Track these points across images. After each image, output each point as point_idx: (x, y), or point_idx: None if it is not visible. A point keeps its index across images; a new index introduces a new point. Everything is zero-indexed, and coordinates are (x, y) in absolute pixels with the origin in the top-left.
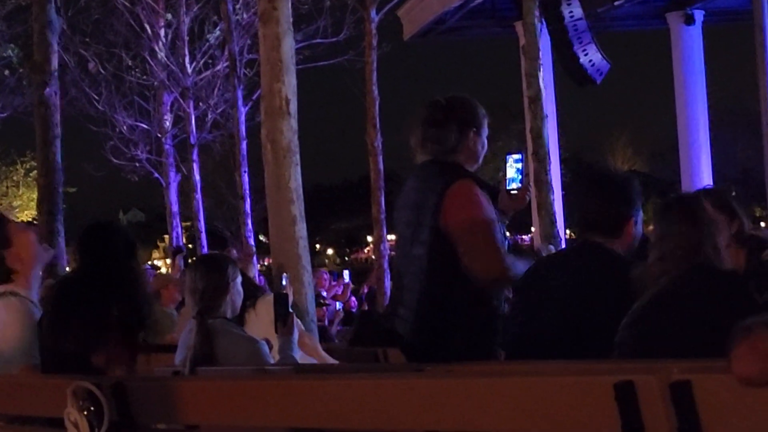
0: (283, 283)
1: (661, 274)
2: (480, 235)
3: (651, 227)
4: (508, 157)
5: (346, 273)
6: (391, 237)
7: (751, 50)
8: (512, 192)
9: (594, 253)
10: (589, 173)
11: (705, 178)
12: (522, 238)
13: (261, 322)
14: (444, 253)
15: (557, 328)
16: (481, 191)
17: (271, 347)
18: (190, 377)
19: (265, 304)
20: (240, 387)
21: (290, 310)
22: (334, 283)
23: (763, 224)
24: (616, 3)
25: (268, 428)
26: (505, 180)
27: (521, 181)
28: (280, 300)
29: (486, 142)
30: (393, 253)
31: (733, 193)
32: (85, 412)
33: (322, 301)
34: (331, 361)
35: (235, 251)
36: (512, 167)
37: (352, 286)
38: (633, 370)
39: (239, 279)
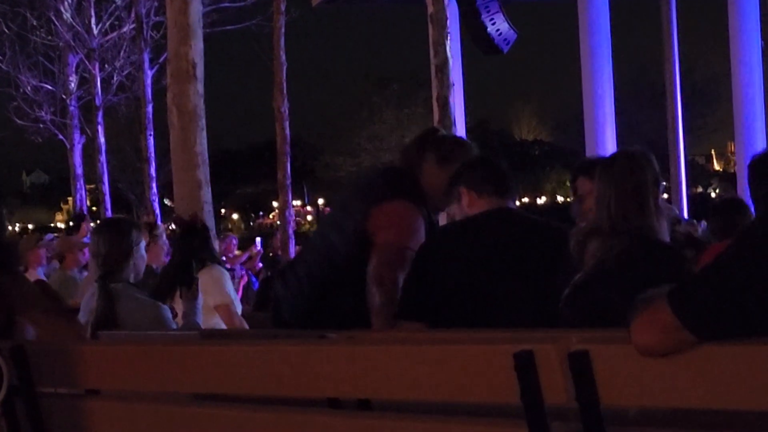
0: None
1: (596, 236)
2: (393, 259)
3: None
4: None
5: (258, 240)
6: (297, 203)
7: (658, 23)
8: None
9: (498, 218)
10: None
11: (609, 149)
12: None
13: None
14: (354, 251)
15: (470, 295)
16: (419, 216)
17: (175, 314)
18: (91, 341)
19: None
20: (142, 352)
21: (195, 276)
22: (238, 252)
23: (665, 195)
24: None
25: (169, 393)
26: None
27: None
28: (185, 266)
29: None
30: (298, 218)
31: None
32: None
33: (227, 267)
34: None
35: (146, 217)
36: None
37: (262, 253)
38: (533, 340)
39: (143, 243)
